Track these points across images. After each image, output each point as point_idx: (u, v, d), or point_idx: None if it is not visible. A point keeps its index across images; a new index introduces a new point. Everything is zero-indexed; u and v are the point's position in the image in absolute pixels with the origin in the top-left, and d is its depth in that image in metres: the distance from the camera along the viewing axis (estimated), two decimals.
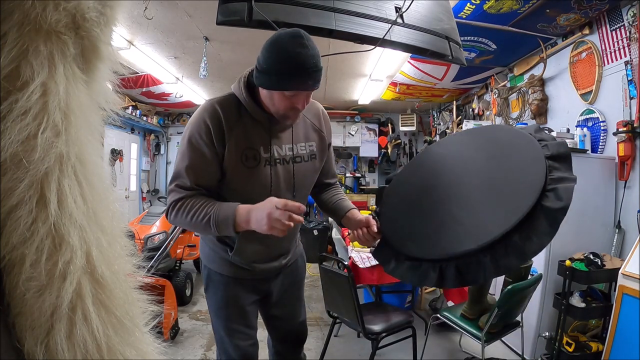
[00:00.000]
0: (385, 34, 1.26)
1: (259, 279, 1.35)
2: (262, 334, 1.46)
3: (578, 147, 2.62)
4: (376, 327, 2.10)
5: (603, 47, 2.58)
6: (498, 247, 0.93)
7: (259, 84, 1.09)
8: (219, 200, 1.13)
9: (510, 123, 3.66)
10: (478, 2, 2.38)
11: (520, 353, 2.32)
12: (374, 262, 2.71)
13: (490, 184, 1.10)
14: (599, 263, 2.17)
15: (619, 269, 2.03)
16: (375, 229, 1.22)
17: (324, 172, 1.41)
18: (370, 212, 2.69)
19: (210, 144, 1.12)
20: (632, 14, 2.32)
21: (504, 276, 2.23)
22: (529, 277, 2.15)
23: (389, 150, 6.38)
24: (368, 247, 2.87)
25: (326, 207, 1.44)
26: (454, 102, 5.09)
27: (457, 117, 5.05)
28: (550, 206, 0.92)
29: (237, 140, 1.14)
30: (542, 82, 3.22)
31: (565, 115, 3.00)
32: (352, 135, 6.45)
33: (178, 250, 3.49)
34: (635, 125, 2.31)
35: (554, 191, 0.95)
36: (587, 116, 2.73)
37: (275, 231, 0.99)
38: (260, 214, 1.01)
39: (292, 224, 0.98)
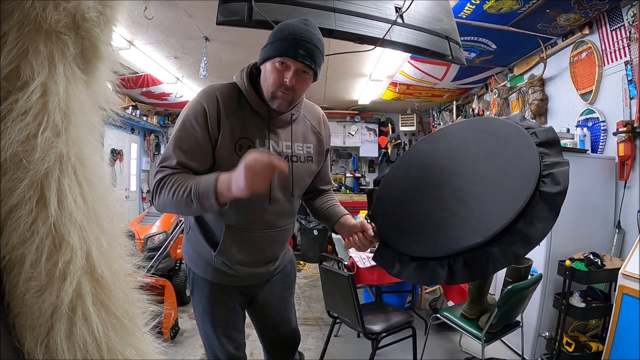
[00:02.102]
0: (385, 34, 1.26)
1: (245, 285, 1.31)
2: (253, 334, 1.41)
3: (578, 147, 2.62)
4: (376, 327, 2.10)
5: (603, 47, 2.58)
6: (504, 236, 0.93)
7: (260, 62, 1.10)
8: None
9: None
10: (478, 2, 2.38)
11: (520, 353, 2.32)
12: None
13: (486, 175, 1.08)
14: (599, 263, 2.17)
15: (619, 269, 2.03)
16: (371, 232, 1.18)
17: (320, 178, 1.38)
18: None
19: (205, 127, 1.08)
20: (632, 14, 2.32)
21: (504, 276, 2.23)
22: (529, 277, 2.14)
23: (389, 150, 6.37)
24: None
25: (319, 214, 1.39)
26: (454, 102, 5.09)
27: (457, 117, 5.05)
28: (549, 191, 0.93)
29: (232, 129, 1.11)
30: (542, 82, 3.22)
31: (565, 115, 3.00)
32: (352, 135, 6.44)
33: (178, 250, 3.48)
34: (635, 125, 2.31)
35: (550, 176, 0.95)
36: (587, 116, 2.73)
37: (257, 183, 0.89)
38: (238, 170, 0.92)
39: (278, 162, 0.90)
